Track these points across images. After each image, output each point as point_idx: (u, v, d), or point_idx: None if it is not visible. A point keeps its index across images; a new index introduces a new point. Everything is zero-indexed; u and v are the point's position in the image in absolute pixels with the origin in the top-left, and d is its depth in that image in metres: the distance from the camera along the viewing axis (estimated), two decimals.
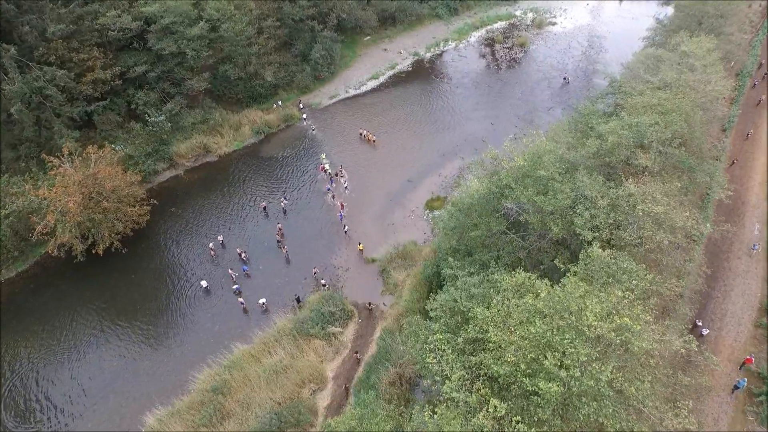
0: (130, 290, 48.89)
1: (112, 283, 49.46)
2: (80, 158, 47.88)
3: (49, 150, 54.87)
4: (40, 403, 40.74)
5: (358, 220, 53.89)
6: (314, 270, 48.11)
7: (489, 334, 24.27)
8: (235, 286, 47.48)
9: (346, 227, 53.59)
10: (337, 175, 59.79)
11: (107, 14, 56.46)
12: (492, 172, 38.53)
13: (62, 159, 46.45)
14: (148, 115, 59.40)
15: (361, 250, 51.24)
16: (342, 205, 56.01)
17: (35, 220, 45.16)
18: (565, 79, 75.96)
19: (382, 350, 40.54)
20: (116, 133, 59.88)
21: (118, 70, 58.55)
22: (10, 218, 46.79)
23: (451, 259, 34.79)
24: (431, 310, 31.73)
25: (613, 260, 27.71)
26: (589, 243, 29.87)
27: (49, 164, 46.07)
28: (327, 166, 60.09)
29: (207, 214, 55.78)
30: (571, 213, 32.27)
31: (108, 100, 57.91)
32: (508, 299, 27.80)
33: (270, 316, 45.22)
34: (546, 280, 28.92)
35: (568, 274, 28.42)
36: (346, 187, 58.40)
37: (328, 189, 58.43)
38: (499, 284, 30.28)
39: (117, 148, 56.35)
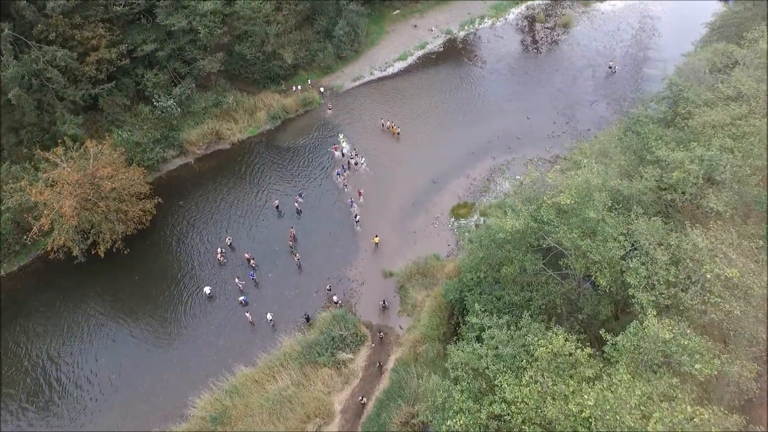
0: (133, 293, 46.23)
1: (115, 283, 46.85)
2: (78, 153, 44.28)
3: (52, 135, 51.80)
4: (29, 417, 38.84)
5: (376, 225, 49.61)
6: (328, 287, 44.43)
7: None
8: (241, 297, 44.32)
9: (358, 217, 49.87)
10: (356, 164, 55.67)
11: None
12: (531, 198, 33.72)
13: (58, 155, 42.93)
14: (156, 99, 55.29)
15: (377, 243, 47.83)
16: (360, 193, 52.19)
17: (30, 220, 42.24)
18: (610, 67, 68.67)
19: (395, 384, 37.14)
20: (123, 117, 56.11)
21: (125, 48, 54.19)
22: (7, 214, 44.01)
23: (477, 306, 30.60)
24: (452, 368, 27.91)
25: (672, 335, 23.19)
26: (642, 307, 25.34)
27: (44, 163, 42.74)
28: (344, 146, 56.84)
29: (216, 210, 52.28)
30: (622, 264, 27.58)
31: (114, 82, 53.73)
32: (543, 376, 23.72)
33: (277, 333, 42.08)
34: (588, 351, 24.74)
35: (613, 351, 24.15)
36: (363, 164, 55.37)
37: (338, 174, 54.52)
38: (532, 347, 26.17)
39: (123, 135, 52.65)
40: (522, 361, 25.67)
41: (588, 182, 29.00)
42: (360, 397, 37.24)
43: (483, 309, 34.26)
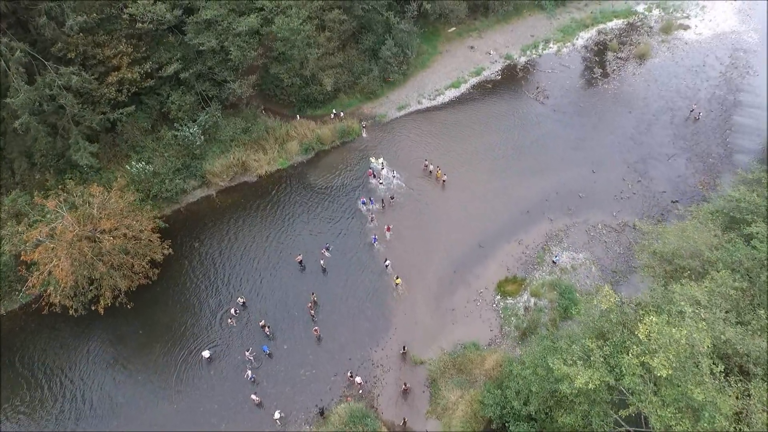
0: (134, 351, 41.69)
1: (116, 336, 42.46)
2: (82, 199, 39.64)
3: (68, 160, 47.73)
4: None
5: (409, 298, 43.43)
6: (351, 375, 38.68)
7: None
8: (249, 373, 39.07)
9: (388, 262, 44.83)
10: (392, 198, 50.82)
11: (139, 1, 46.53)
12: (604, 327, 26.86)
13: (56, 206, 38.37)
14: (178, 127, 50.34)
15: (398, 284, 43.25)
16: (389, 228, 47.44)
17: (24, 272, 38.07)
18: (693, 112, 59.61)
19: None
20: (144, 142, 51.51)
21: (149, 67, 49.22)
22: (5, 256, 40.03)
23: None
24: None
25: None
26: None
27: (39, 216, 38.36)
28: (378, 164, 53.26)
29: (233, 258, 47.05)
30: None
31: (134, 106, 49.02)
32: None
33: (286, 425, 36.72)
34: None
35: None
36: (395, 178, 52.51)
37: (363, 203, 49.74)
38: None
39: (139, 166, 47.90)
40: None
41: (691, 343, 21.91)
42: None
43: None
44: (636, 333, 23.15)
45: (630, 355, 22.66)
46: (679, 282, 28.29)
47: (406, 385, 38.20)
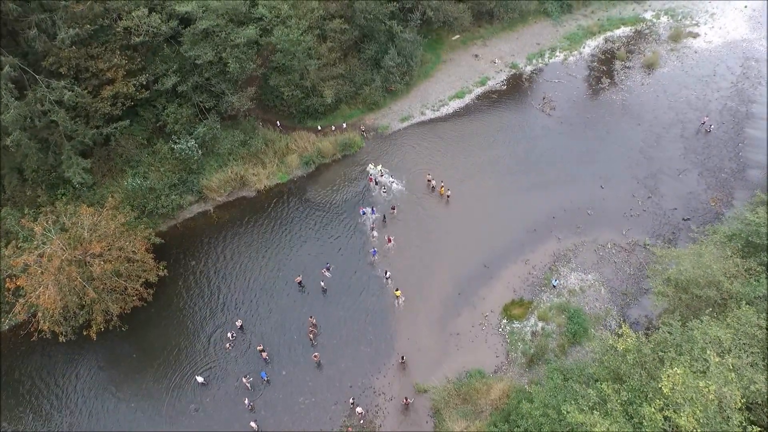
0: (127, 375, 40.30)
1: (109, 360, 41.07)
2: (72, 221, 38.12)
3: (60, 175, 46.29)
4: None
5: (412, 322, 41.96)
6: (353, 403, 37.15)
7: None
8: (247, 402, 37.60)
9: (388, 273, 43.85)
10: (393, 209, 49.63)
11: (133, 13, 45.05)
12: (620, 370, 25.33)
13: (46, 229, 36.91)
14: (174, 141, 48.89)
15: (398, 297, 42.33)
16: (389, 239, 46.35)
17: (10, 299, 36.62)
18: (704, 124, 57.98)
19: None
20: (139, 156, 50.08)
21: (144, 79, 47.71)
22: None
23: None
24: None
25: None
26: None
27: (27, 238, 36.87)
28: (376, 171, 52.43)
29: (230, 277, 45.61)
30: None
31: (128, 120, 47.61)
32: None
33: None
34: None
35: None
36: (393, 183, 51.70)
37: (363, 213, 48.82)
38: None
39: (136, 182, 46.53)
40: None
41: (720, 398, 20.39)
42: None
43: None
44: (659, 384, 21.60)
45: (652, 407, 21.16)
46: (699, 318, 26.80)
47: (407, 400, 37.00)
